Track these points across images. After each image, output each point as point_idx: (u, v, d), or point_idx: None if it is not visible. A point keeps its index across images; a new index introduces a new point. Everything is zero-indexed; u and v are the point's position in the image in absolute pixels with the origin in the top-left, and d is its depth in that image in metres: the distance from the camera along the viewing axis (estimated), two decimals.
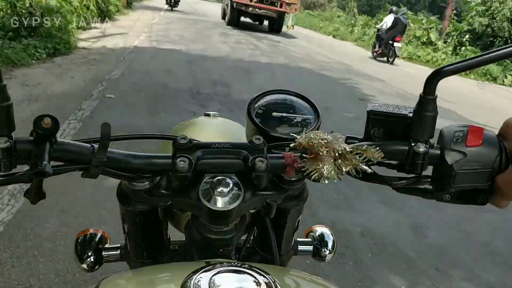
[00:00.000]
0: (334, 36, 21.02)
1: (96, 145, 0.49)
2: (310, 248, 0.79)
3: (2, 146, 0.44)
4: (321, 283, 0.51)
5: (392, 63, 12.34)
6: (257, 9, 13.59)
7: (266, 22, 15.71)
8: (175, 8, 17.72)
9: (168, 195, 0.54)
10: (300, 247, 0.77)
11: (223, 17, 16.32)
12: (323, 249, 0.79)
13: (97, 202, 2.43)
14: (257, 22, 15.99)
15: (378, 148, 0.51)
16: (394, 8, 12.83)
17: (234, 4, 13.53)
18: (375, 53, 13.00)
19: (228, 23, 14.76)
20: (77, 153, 0.48)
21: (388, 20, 12.47)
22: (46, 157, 0.44)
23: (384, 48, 12.43)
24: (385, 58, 12.62)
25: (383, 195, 3.06)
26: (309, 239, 0.80)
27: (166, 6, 17.77)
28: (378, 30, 13.03)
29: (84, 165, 0.48)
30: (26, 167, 0.46)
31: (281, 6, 13.47)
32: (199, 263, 0.48)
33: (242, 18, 14.99)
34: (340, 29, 21.76)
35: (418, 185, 0.54)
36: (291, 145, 0.53)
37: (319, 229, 0.81)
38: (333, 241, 0.80)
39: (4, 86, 0.44)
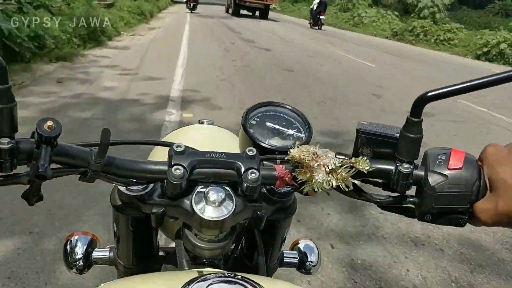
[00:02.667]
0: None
1: (95, 150, 0.50)
2: (295, 260, 0.80)
3: (4, 147, 0.45)
4: None
5: (320, 28, 20.23)
6: (251, 4, 22.30)
7: (257, 13, 23.82)
8: (194, 11, 21.60)
9: (161, 202, 0.55)
10: (286, 259, 0.78)
11: (227, 11, 24.42)
12: (307, 262, 0.80)
13: None
14: (251, 13, 23.97)
15: (366, 159, 0.52)
16: None
17: (236, 1, 21.94)
18: (310, 24, 21.08)
19: (232, 14, 22.85)
20: (76, 157, 0.49)
21: (316, 2, 20.32)
22: (47, 160, 0.45)
23: (314, 20, 20.44)
24: (317, 27, 20.41)
25: None
26: (295, 252, 0.81)
27: (187, 10, 21.99)
28: (311, 9, 21.05)
29: (82, 169, 0.50)
30: (23, 169, 0.47)
31: (266, 0, 22.23)
32: (191, 273, 0.49)
33: (241, 11, 23.00)
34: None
35: (402, 204, 0.55)
36: (285, 157, 0.55)
37: (305, 242, 0.83)
38: (318, 255, 0.82)
39: (9, 87, 0.44)
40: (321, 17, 20.08)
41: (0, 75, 0.43)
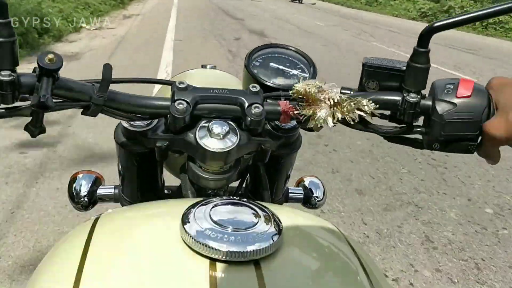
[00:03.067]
0: None
1: (97, 85, 0.50)
2: (301, 196, 0.81)
3: (6, 79, 0.46)
4: (317, 219, 0.52)
5: (300, 2, 22.08)
6: None
7: None
8: None
9: (166, 137, 0.55)
10: (291, 195, 0.80)
11: None
12: (313, 197, 0.81)
13: None
14: None
15: (370, 100, 0.53)
16: None
17: None
18: None
19: None
20: (78, 91, 0.50)
21: None
22: (48, 91, 0.46)
23: None
24: (297, 1, 22.36)
25: None
26: (300, 188, 0.82)
27: None
28: None
29: (85, 102, 0.50)
30: (26, 104, 0.48)
31: None
32: (196, 199, 0.48)
33: None
34: None
35: (409, 134, 0.56)
36: (290, 92, 0.55)
37: (310, 179, 0.84)
38: (323, 190, 0.83)
39: (9, 22, 0.46)
40: None
41: (0, 10, 0.45)
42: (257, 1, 18.97)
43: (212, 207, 0.44)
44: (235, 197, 0.48)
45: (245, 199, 0.47)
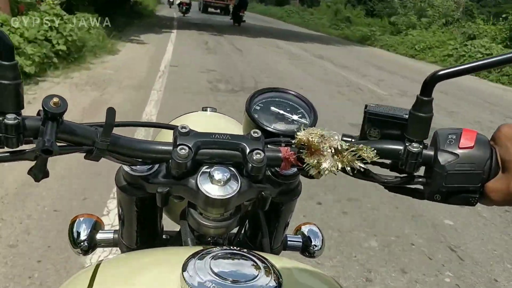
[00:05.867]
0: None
1: (100, 129, 0.50)
2: (299, 244, 0.80)
3: (11, 122, 0.45)
4: (316, 272, 0.52)
5: (239, 25, 20.56)
6: (216, 3, 28.99)
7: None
8: (187, 14, 23.16)
9: (167, 182, 0.55)
10: (290, 243, 0.79)
11: (199, 9, 30.13)
12: (311, 246, 0.80)
13: None
14: (218, 10, 29.95)
15: (373, 148, 0.52)
16: None
17: (204, 2, 29.15)
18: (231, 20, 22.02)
19: (202, 12, 28.95)
20: (82, 135, 0.50)
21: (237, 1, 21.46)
22: (53, 136, 0.45)
23: (233, 17, 21.39)
24: (237, 23, 20.90)
25: None
26: (299, 236, 0.81)
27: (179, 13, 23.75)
28: (234, 5, 22.50)
29: (88, 146, 0.50)
30: (30, 148, 0.47)
31: (227, 1, 27.62)
32: (196, 247, 0.48)
33: (210, 9, 29.96)
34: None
35: (410, 184, 0.55)
36: (291, 141, 0.55)
37: (308, 227, 0.83)
38: (322, 239, 0.81)
39: (15, 64, 0.45)
40: (241, 14, 21.08)
41: (7, 53, 0.45)
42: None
43: (213, 258, 0.44)
44: (235, 248, 0.48)
45: (245, 250, 0.47)
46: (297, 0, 37.75)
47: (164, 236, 0.71)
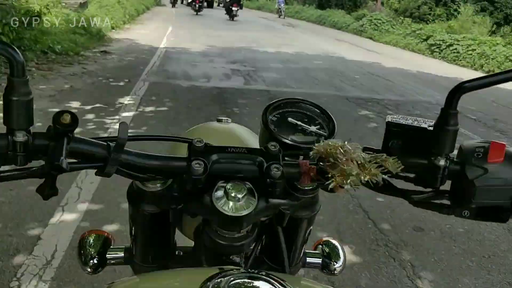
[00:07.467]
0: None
1: (112, 144, 0.49)
2: (319, 261, 0.76)
3: (20, 140, 0.44)
4: None
5: (232, 19, 20.10)
6: None
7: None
8: (200, 13, 22.69)
9: (180, 198, 0.53)
10: (309, 259, 0.75)
11: (188, 5, 28.83)
12: (332, 263, 0.76)
13: None
14: (205, 4, 27.58)
15: (396, 158, 0.50)
16: None
17: None
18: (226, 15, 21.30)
19: (187, 5, 28.38)
20: (93, 151, 0.48)
21: None
22: (63, 153, 0.44)
23: (226, 11, 20.83)
24: (231, 18, 20.36)
25: None
26: (318, 252, 0.77)
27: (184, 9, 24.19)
28: (224, 1, 23.63)
29: (99, 163, 0.48)
30: (38, 164, 0.46)
31: None
32: (212, 269, 0.47)
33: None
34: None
35: (436, 199, 0.53)
36: (311, 152, 0.52)
37: (328, 242, 0.79)
38: (343, 255, 0.77)
39: (26, 81, 0.45)
40: (233, 8, 20.32)
41: (18, 69, 0.44)
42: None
43: (230, 282, 0.42)
44: (253, 271, 0.46)
45: (263, 272, 0.45)
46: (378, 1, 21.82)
47: (177, 252, 0.68)
